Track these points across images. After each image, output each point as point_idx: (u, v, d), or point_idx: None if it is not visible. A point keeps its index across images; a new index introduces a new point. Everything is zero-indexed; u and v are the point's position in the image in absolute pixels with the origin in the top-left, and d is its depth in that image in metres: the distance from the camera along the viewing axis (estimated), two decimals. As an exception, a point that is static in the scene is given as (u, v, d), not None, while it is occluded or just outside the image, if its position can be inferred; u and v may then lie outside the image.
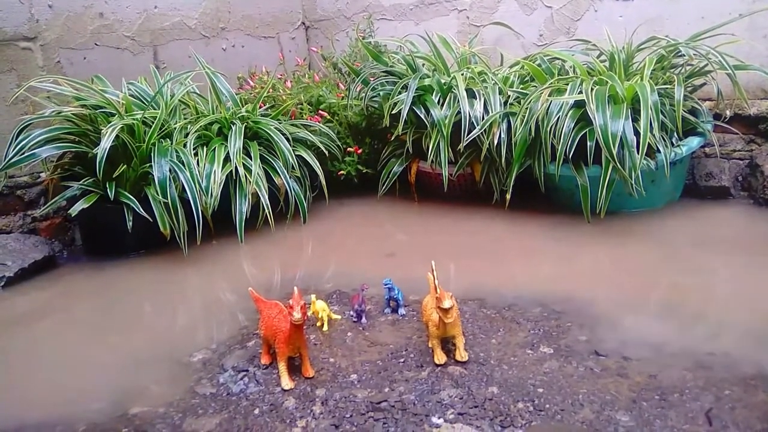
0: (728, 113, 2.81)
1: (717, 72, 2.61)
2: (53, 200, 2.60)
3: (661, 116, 2.46)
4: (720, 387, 1.48)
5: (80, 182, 2.59)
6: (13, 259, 2.54)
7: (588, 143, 2.47)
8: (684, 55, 2.68)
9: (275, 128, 2.88)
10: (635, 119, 2.43)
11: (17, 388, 1.75)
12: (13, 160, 2.45)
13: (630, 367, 1.59)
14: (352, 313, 1.98)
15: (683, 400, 1.44)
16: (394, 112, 2.93)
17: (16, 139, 2.48)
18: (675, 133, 2.61)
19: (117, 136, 2.49)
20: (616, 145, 2.36)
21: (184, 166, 2.56)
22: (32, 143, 2.47)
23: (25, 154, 2.46)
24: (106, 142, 2.44)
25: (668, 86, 2.58)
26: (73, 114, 2.61)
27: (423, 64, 3.17)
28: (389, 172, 3.15)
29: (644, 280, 2.13)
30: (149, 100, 2.84)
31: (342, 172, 3.22)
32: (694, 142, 2.66)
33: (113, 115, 2.65)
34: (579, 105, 2.51)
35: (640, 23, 2.94)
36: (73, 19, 2.97)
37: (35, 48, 2.84)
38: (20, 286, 2.47)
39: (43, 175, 2.81)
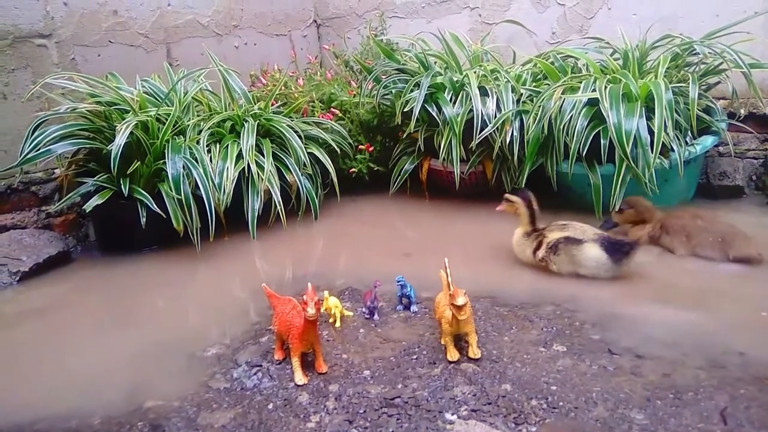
0: (743, 112, 2.80)
1: (732, 70, 2.60)
2: (68, 196, 2.62)
3: (675, 115, 2.45)
4: (735, 386, 1.47)
5: (94, 178, 2.61)
6: (28, 254, 2.57)
7: (601, 141, 2.46)
8: (698, 54, 2.66)
9: (287, 126, 2.89)
10: (649, 118, 2.42)
11: (33, 381, 1.76)
12: (28, 156, 2.46)
13: (644, 366, 1.59)
14: (364, 309, 1.98)
15: (698, 399, 1.44)
16: (406, 109, 2.93)
17: (31, 135, 2.50)
18: (689, 132, 2.59)
19: (131, 133, 2.51)
20: (630, 144, 2.35)
21: (197, 162, 2.57)
22: (47, 139, 2.49)
23: (41, 150, 2.48)
24: (120, 139, 2.45)
25: (682, 84, 2.57)
26: (87, 111, 2.63)
27: (435, 62, 3.17)
28: (400, 169, 3.16)
29: (657, 280, 2.12)
30: (163, 97, 2.86)
31: (353, 169, 3.22)
32: (708, 140, 2.64)
33: (127, 111, 2.67)
34: (592, 103, 2.51)
35: (654, 21, 2.93)
36: (87, 16, 2.99)
37: (50, 45, 2.87)
38: (35, 281, 2.49)
39: (57, 171, 2.83)
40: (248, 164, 2.68)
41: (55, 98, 2.72)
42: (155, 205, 2.50)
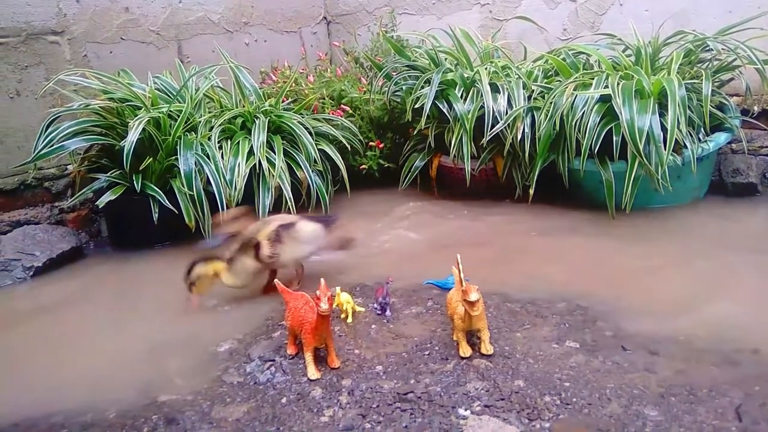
0: (756, 109, 2.78)
1: (745, 67, 2.58)
2: (81, 192, 2.64)
3: (688, 111, 2.43)
4: (749, 383, 1.47)
5: (107, 174, 2.62)
6: (42, 249, 2.59)
7: (614, 138, 2.45)
8: (711, 50, 2.65)
9: (298, 122, 2.89)
10: (662, 114, 2.41)
11: (47, 375, 1.78)
12: (42, 152, 2.48)
13: (657, 363, 1.58)
14: (375, 305, 1.98)
15: (712, 396, 1.43)
16: (416, 106, 2.93)
17: (45, 132, 2.52)
18: (702, 129, 2.58)
19: (143, 129, 2.52)
20: (643, 141, 2.33)
21: (209, 159, 2.59)
22: (61, 135, 2.51)
23: (54, 146, 2.50)
24: (133, 135, 2.47)
25: (695, 81, 2.55)
26: (100, 107, 2.64)
27: (446, 59, 3.16)
28: (411, 166, 3.15)
29: (669, 277, 2.11)
30: (174, 93, 2.87)
31: (363, 166, 3.22)
32: (721, 137, 2.63)
33: (140, 108, 2.68)
34: (604, 100, 2.50)
35: (666, 18, 2.91)
36: (99, 13, 3.00)
37: (63, 42, 2.88)
38: (48, 276, 2.51)
39: (70, 167, 2.85)
40: (259, 161, 2.68)
41: (67, 95, 2.74)
42: (167, 201, 2.52)
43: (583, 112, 2.50)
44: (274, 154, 2.75)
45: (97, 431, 1.48)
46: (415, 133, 3.10)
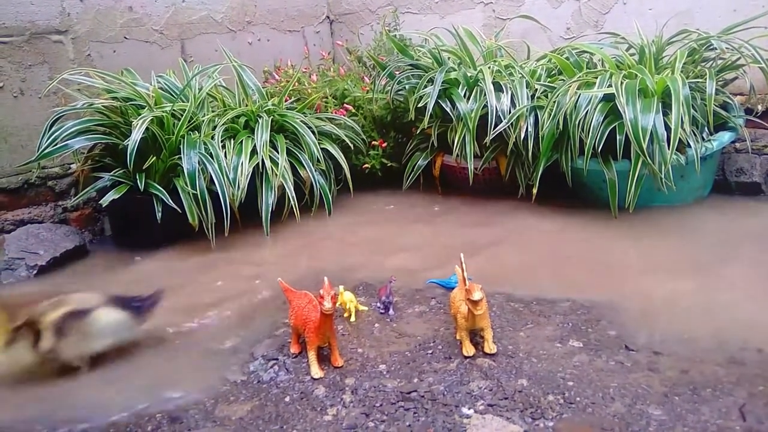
0: (760, 108, 2.77)
1: (749, 66, 2.57)
2: (84, 191, 2.64)
3: (692, 110, 2.43)
4: (753, 383, 1.46)
5: (111, 173, 2.63)
6: (45, 248, 2.59)
7: (617, 137, 2.45)
8: (716, 49, 2.64)
9: (301, 121, 2.89)
10: (665, 113, 2.40)
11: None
12: (46, 151, 2.49)
13: (661, 362, 1.58)
14: (378, 304, 1.98)
15: (716, 395, 1.43)
16: (419, 105, 2.93)
17: (49, 131, 2.53)
18: (706, 128, 2.57)
19: (147, 128, 2.52)
20: (647, 140, 2.33)
21: (212, 158, 2.59)
22: (65, 134, 2.51)
23: (58, 146, 2.50)
24: (136, 134, 2.47)
25: (699, 80, 2.54)
26: (104, 106, 2.65)
27: (449, 58, 3.16)
28: (414, 165, 3.16)
29: (673, 276, 2.11)
30: (178, 93, 2.88)
31: (367, 165, 3.22)
32: (725, 137, 2.62)
33: (143, 107, 2.68)
34: (608, 99, 2.49)
35: (671, 16, 2.90)
36: (103, 12, 3.01)
37: (66, 41, 2.89)
38: (52, 275, 2.51)
39: (73, 166, 2.85)
40: (262, 160, 2.68)
41: (71, 94, 2.74)
42: (171, 201, 2.52)
43: (587, 111, 2.50)
44: (277, 153, 2.75)
45: (101, 429, 1.48)
46: (418, 132, 3.10)
